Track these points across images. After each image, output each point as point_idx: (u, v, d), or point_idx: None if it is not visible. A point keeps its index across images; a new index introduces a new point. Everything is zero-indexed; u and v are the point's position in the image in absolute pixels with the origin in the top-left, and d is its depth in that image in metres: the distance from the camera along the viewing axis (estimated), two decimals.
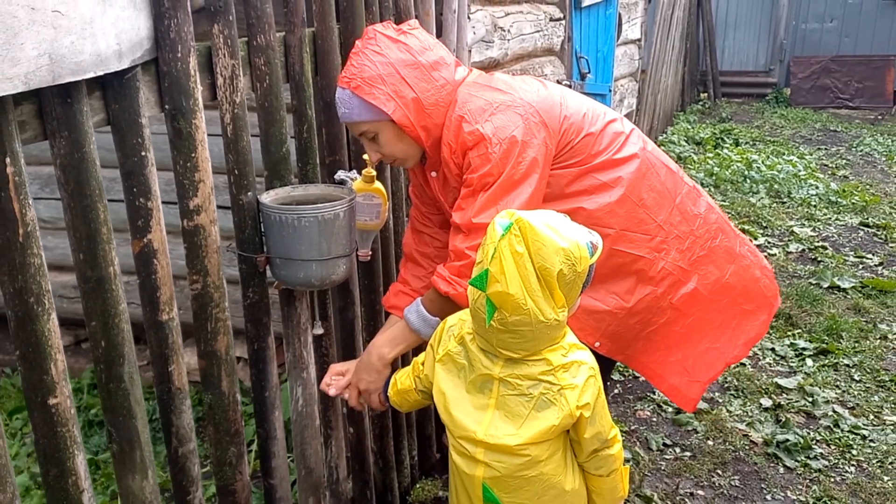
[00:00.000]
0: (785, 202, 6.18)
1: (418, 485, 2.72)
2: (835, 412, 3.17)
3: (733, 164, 7.10)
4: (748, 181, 6.62)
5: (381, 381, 1.90)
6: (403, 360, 2.32)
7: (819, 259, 4.92)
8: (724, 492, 2.72)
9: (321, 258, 1.76)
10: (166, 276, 1.49)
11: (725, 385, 3.41)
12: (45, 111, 1.24)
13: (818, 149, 8.17)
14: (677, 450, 2.96)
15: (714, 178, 6.74)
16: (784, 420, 3.10)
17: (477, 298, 1.47)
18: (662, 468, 2.85)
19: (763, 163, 7.16)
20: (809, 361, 3.61)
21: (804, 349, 3.71)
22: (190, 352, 2.10)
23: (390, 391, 1.88)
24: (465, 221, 1.74)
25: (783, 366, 3.60)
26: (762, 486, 2.75)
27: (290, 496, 2.04)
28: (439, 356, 1.66)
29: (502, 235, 1.41)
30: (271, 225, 1.73)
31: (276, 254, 1.76)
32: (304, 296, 1.96)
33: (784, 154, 7.71)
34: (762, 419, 3.15)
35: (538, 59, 4.04)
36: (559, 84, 2.32)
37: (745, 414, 3.20)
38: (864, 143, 8.33)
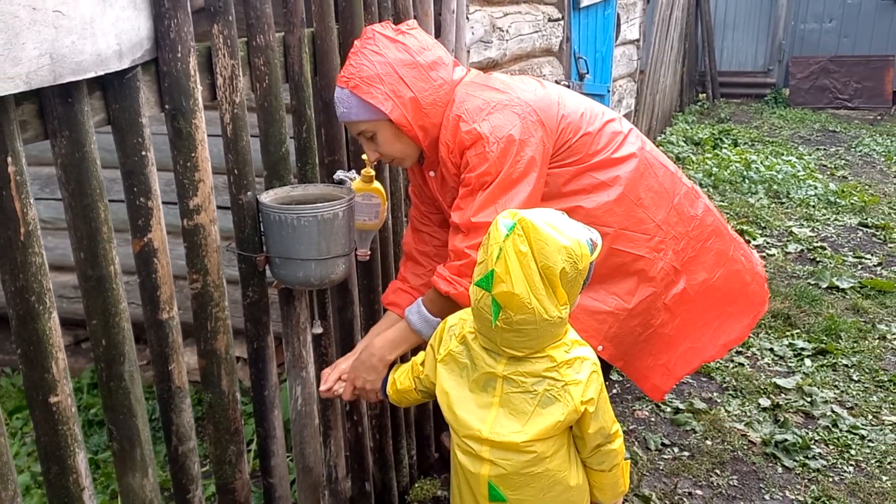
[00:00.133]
0: (784, 202, 6.18)
1: (417, 484, 2.73)
2: (833, 412, 3.18)
3: (732, 165, 7.10)
4: (747, 181, 6.62)
5: (381, 380, 1.91)
6: (402, 357, 2.32)
7: (818, 259, 4.92)
8: (723, 491, 2.72)
9: (320, 258, 1.76)
10: (166, 275, 1.50)
11: (724, 385, 3.42)
12: (45, 111, 1.25)
13: (817, 149, 8.17)
14: (675, 449, 2.96)
15: (713, 178, 6.74)
16: (783, 420, 3.11)
17: (481, 298, 1.47)
18: (661, 468, 2.85)
19: (762, 163, 7.16)
20: (808, 361, 3.61)
21: (803, 349, 3.72)
22: (190, 351, 2.10)
23: (389, 390, 1.88)
24: (464, 221, 1.74)
25: (782, 366, 3.60)
26: (760, 485, 2.75)
27: (290, 495, 2.04)
28: (441, 356, 1.66)
29: (507, 236, 1.41)
30: (271, 224, 1.74)
31: (276, 253, 1.76)
32: (304, 295, 1.96)
33: (783, 154, 7.71)
34: (761, 419, 3.15)
35: (537, 60, 4.04)
36: (557, 84, 2.32)
37: (743, 414, 3.20)
38: (862, 144, 8.33)
